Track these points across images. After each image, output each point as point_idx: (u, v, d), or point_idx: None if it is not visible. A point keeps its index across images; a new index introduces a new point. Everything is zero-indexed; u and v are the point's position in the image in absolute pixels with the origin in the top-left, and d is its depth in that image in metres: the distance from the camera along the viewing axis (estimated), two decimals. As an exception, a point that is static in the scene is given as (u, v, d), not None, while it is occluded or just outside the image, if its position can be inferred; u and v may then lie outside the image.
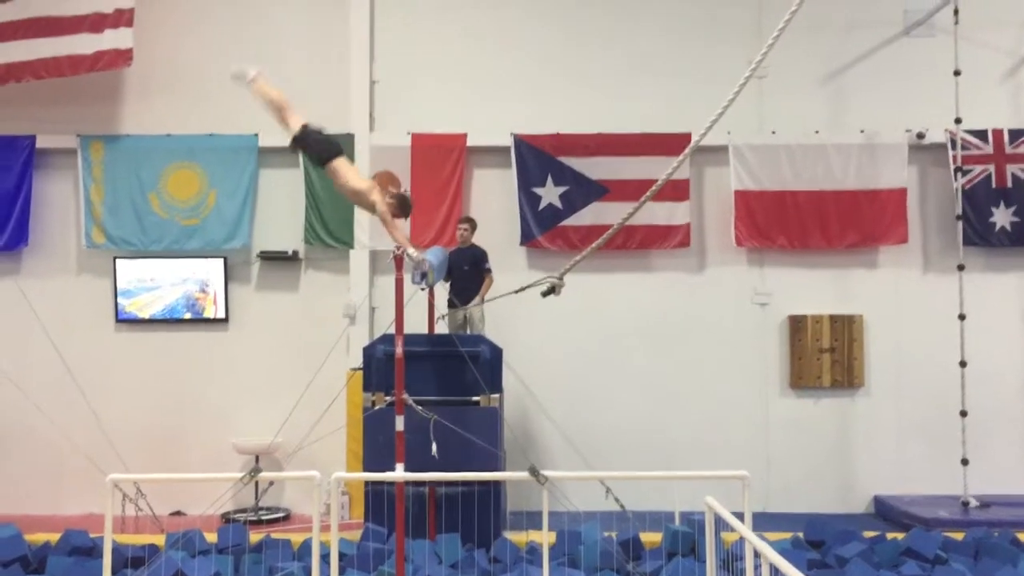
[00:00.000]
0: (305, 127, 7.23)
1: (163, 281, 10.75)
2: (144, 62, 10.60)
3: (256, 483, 9.27)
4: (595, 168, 10.62)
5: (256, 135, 10.70)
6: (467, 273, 9.46)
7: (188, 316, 10.79)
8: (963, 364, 9.72)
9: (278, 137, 10.59)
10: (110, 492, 5.89)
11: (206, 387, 10.68)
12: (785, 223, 10.58)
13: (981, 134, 10.41)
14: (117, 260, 10.71)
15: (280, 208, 10.79)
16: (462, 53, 10.96)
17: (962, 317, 9.78)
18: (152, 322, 10.79)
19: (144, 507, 9.28)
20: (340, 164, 7.22)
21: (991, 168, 10.44)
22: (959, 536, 8.11)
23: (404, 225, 8.36)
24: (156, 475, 8.52)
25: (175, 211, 10.73)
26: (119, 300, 10.74)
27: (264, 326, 10.78)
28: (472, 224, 9.74)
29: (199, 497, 9.31)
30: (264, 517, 9.80)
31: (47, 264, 10.85)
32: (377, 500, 8.03)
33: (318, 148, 7.28)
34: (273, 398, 9.86)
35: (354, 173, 7.40)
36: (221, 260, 10.73)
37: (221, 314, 10.77)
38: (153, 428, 10.55)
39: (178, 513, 10.05)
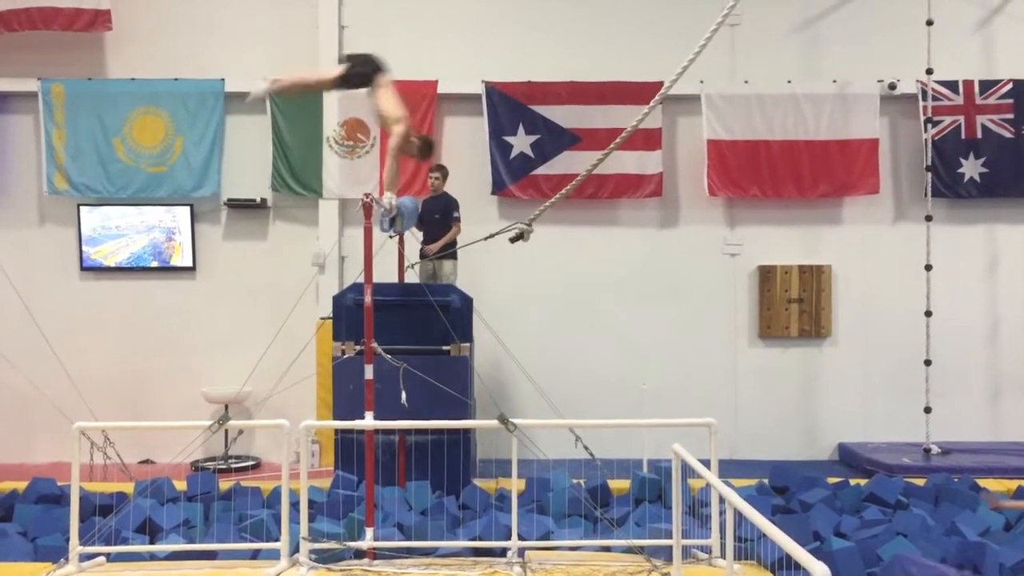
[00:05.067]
0: (345, 67, 7.54)
1: (129, 229, 10.60)
2: (110, 5, 10.35)
3: (225, 431, 9.28)
4: (567, 117, 10.54)
5: (222, 80, 10.51)
6: (438, 222, 9.39)
7: (155, 264, 10.66)
8: (928, 314, 9.85)
9: (245, 82, 10.46)
10: (76, 440, 5.85)
11: (174, 336, 10.61)
12: (758, 173, 10.58)
13: (952, 85, 10.42)
14: (81, 207, 10.54)
15: (247, 155, 10.64)
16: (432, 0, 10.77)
17: (928, 268, 9.88)
18: (118, 270, 10.66)
19: (112, 455, 9.21)
20: (384, 83, 7.47)
21: (961, 119, 10.47)
22: (921, 482, 8.27)
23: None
24: (123, 423, 8.48)
25: (141, 158, 10.55)
26: (84, 248, 10.59)
27: (232, 275, 10.69)
28: (444, 172, 9.64)
29: (168, 446, 9.28)
30: (234, 465, 9.80)
31: (8, 211, 10.68)
32: (347, 448, 8.05)
33: (363, 73, 7.49)
34: (242, 347, 9.79)
35: (393, 97, 7.50)
36: (188, 208, 10.59)
37: (188, 262, 10.65)
38: (121, 377, 10.49)
39: (147, 461, 10.03)
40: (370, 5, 10.72)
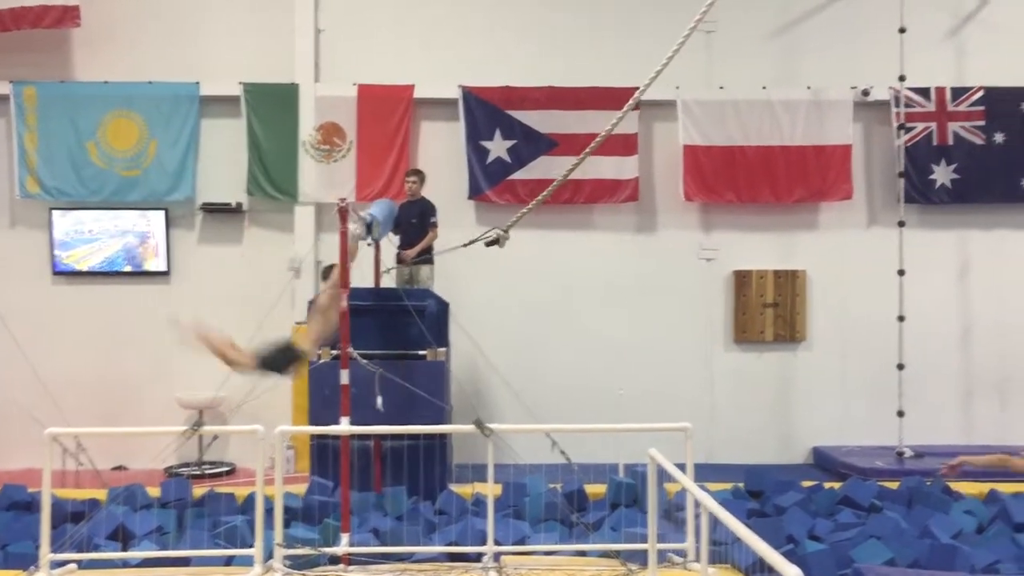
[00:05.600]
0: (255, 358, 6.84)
1: (102, 233, 10.51)
2: (82, 7, 10.26)
3: (200, 437, 9.20)
4: (544, 122, 10.56)
5: (197, 83, 10.46)
6: (415, 226, 9.37)
7: (128, 269, 10.58)
8: (901, 319, 9.95)
9: (220, 85, 10.49)
10: (48, 446, 5.79)
11: (148, 341, 10.49)
12: (733, 178, 10.64)
13: (924, 92, 10.53)
14: (53, 211, 10.44)
15: (223, 159, 10.59)
16: (409, 4, 10.78)
17: (901, 273, 9.99)
18: (91, 275, 10.56)
19: (85, 461, 9.12)
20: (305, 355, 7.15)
21: (933, 126, 10.58)
22: (894, 485, 8.32)
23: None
24: (96, 429, 8.39)
25: (114, 161, 10.47)
26: (56, 252, 10.49)
27: (207, 279, 10.61)
28: (421, 176, 9.63)
29: (142, 452, 9.25)
30: (208, 471, 9.73)
31: (-20, 215, 10.56)
32: (322, 453, 8.01)
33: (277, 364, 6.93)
34: (217, 352, 9.71)
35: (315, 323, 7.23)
36: (162, 212, 10.52)
37: (163, 267, 10.58)
38: (95, 382, 10.38)
39: (120, 468, 9.93)
40: (347, 9, 10.70)
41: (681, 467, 5.72)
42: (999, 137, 10.56)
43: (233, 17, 10.66)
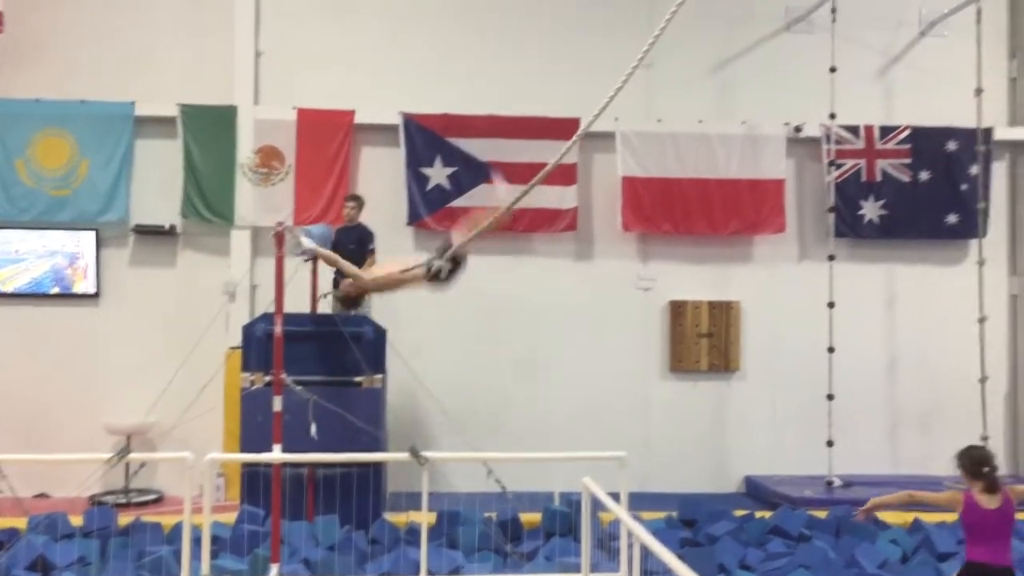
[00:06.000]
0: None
1: (29, 253, 10.24)
2: (14, 24, 10.08)
3: (127, 464, 8.96)
4: (484, 150, 10.60)
5: (132, 103, 10.30)
6: (352, 252, 9.29)
7: (56, 291, 10.31)
8: (831, 350, 10.16)
9: (156, 106, 10.34)
10: (-35, 474, 5.59)
11: (76, 365, 10.25)
12: (670, 209, 10.79)
13: (853, 129, 10.83)
14: (-22, 230, 10.15)
15: (157, 180, 10.41)
16: (351, 29, 10.78)
17: (831, 305, 10.21)
18: (16, 296, 10.27)
19: (5, 488, 8.83)
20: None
21: (862, 163, 10.88)
22: (823, 514, 8.47)
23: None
24: (17, 455, 8.13)
25: (44, 180, 10.23)
26: (-20, 272, 10.19)
27: (139, 302, 10.40)
28: (359, 202, 9.57)
29: (66, 479, 8.97)
30: (134, 499, 9.48)
31: (-100, 232, 10.21)
32: (253, 481, 7.87)
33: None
34: (148, 377, 9.49)
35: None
36: (93, 233, 10.29)
37: (92, 289, 10.33)
38: (17, 407, 10.05)
39: (43, 495, 9.63)
40: (287, 33, 10.66)
41: (616, 496, 5.76)
42: (925, 175, 10.90)
43: (171, 37, 10.54)
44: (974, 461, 5.39)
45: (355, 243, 9.29)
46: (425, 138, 10.56)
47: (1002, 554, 5.11)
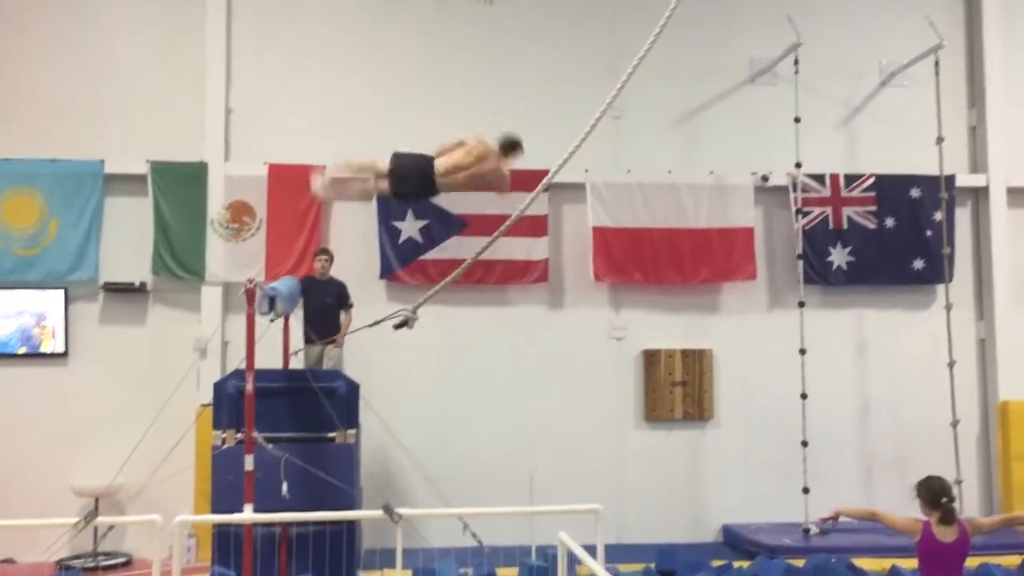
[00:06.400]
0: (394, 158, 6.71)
1: (-5, 313, 10.12)
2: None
3: (95, 528, 8.78)
4: (456, 202, 10.64)
5: (102, 161, 10.29)
6: (330, 307, 9.27)
7: (23, 351, 10.17)
8: (804, 396, 10.21)
9: (126, 163, 10.33)
10: (-74, 541, 5.46)
11: (43, 425, 10.07)
12: (641, 259, 10.87)
13: (819, 178, 11.01)
14: (-57, 290, 10.03)
15: (127, 238, 10.35)
16: (321, 84, 10.86)
17: (803, 352, 10.28)
18: (-18, 357, 10.12)
19: (-31, 556, 8.65)
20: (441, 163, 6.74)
21: (829, 210, 11.04)
22: (800, 563, 8.44)
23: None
24: (-18, 521, 7.94)
25: (12, 240, 10.15)
26: (-55, 333, 10.04)
27: (108, 361, 10.27)
28: (331, 256, 9.54)
29: (32, 544, 8.79)
30: (103, 563, 9.25)
31: None
32: (224, 542, 7.72)
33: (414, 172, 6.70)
34: (117, 437, 9.32)
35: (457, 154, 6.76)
36: (61, 292, 10.19)
37: (60, 348, 10.20)
38: (-17, 470, 9.86)
39: (8, 561, 9.41)
40: (258, 89, 10.72)
41: (592, 549, 5.72)
42: (890, 222, 11.07)
43: (141, 95, 10.57)
44: (932, 491, 5.48)
45: (334, 297, 9.28)
46: (397, 192, 10.58)
47: None
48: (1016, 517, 6.03)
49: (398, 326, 6.15)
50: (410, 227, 10.61)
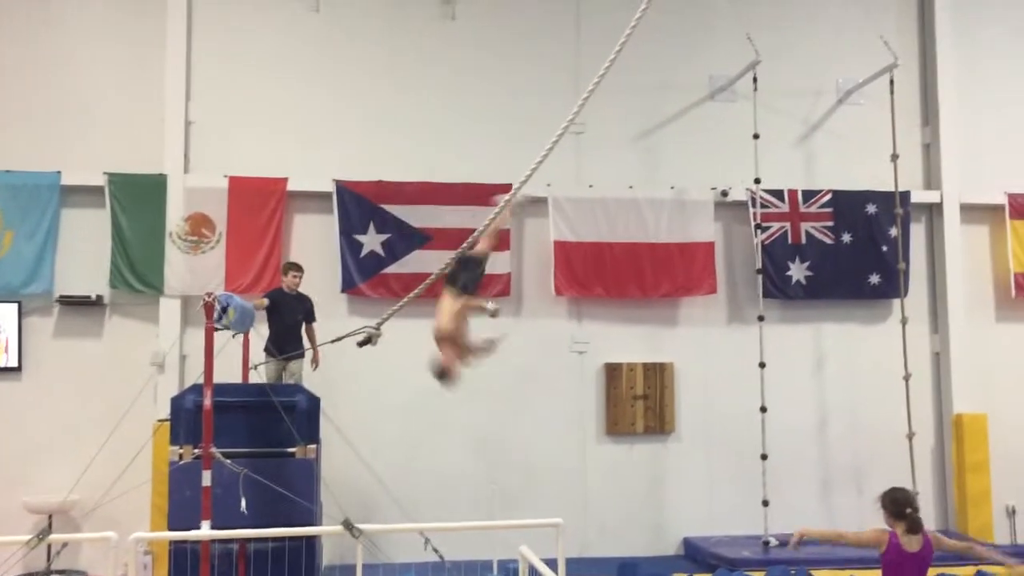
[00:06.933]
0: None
1: (-54, 327, 9.92)
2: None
3: (48, 545, 8.62)
4: (418, 216, 10.65)
5: (58, 173, 10.15)
6: (299, 322, 9.21)
7: (-25, 365, 9.98)
8: (763, 410, 10.31)
9: (83, 175, 10.20)
10: None
11: (-6, 441, 9.88)
12: (602, 273, 10.92)
13: (778, 194, 11.15)
14: None
15: (84, 250, 10.22)
16: (283, 97, 10.81)
17: (762, 365, 10.39)
18: (-67, 371, 9.91)
19: (-83, 575, 8.43)
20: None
21: (787, 225, 11.18)
22: (761, 575, 8.50)
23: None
24: (-69, 539, 7.75)
25: (-35, 253, 9.97)
26: None
27: (63, 375, 10.11)
28: (302, 271, 9.42)
29: (-17, 562, 8.58)
30: (57, 582, 9.10)
31: None
32: (181, 559, 7.61)
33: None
34: (72, 452, 9.21)
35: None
36: (15, 305, 10.01)
37: (13, 363, 10.02)
38: (-68, 487, 9.64)
39: (-42, 580, 9.18)
40: (219, 101, 10.64)
41: (554, 563, 5.72)
42: (847, 237, 11.24)
43: (99, 106, 10.45)
44: (897, 503, 5.55)
45: (304, 313, 9.23)
46: (358, 205, 10.57)
47: None
48: (973, 550, 6.07)
49: (362, 343, 6.13)
50: (372, 240, 10.58)
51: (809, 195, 11.25)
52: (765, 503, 10.14)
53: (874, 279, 11.24)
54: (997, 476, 10.99)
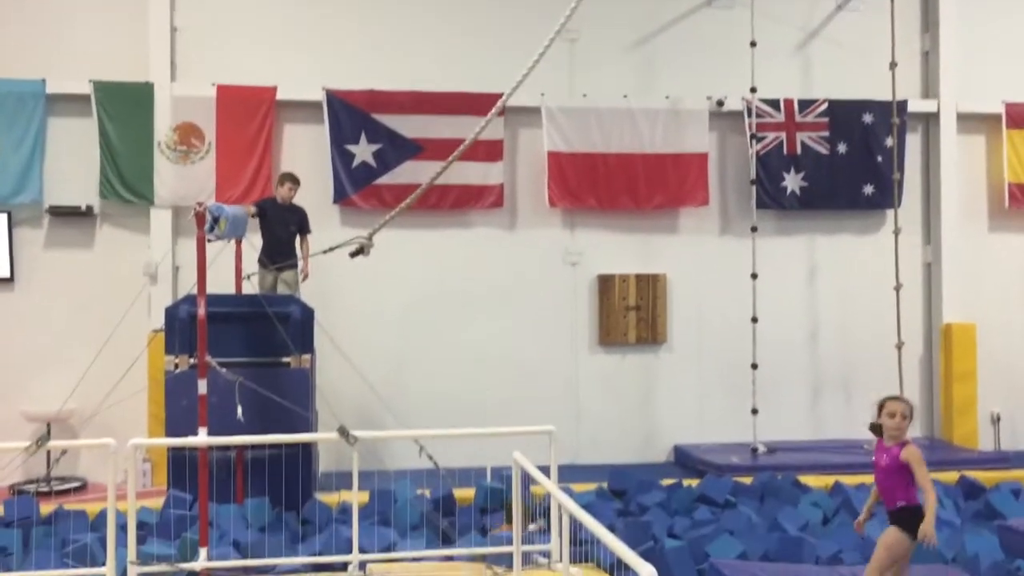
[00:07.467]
0: None
1: (-64, 238, 9.87)
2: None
3: (48, 452, 8.74)
4: (410, 126, 10.52)
5: (43, 80, 9.97)
6: (293, 234, 9.16)
7: (-34, 275, 9.96)
8: (755, 320, 10.38)
9: (69, 83, 10.02)
10: None
11: (-10, 351, 9.93)
12: (595, 184, 10.86)
13: (774, 103, 11.02)
14: None
15: (72, 160, 10.11)
16: (272, 3, 10.57)
17: (754, 276, 10.42)
18: (-76, 282, 9.89)
19: (-80, 482, 8.56)
20: None
21: (783, 136, 11.08)
22: (748, 480, 8.69)
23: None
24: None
25: (-49, 162, 9.85)
26: None
27: (55, 286, 10.11)
28: (298, 183, 9.31)
29: (-17, 469, 8.70)
30: (56, 488, 9.24)
31: None
32: (179, 466, 7.74)
33: None
34: (67, 362, 9.23)
35: None
36: (4, 215, 9.95)
37: (5, 273, 10.00)
38: (-71, 397, 9.73)
39: (-40, 486, 9.34)
40: (205, 8, 10.39)
41: (546, 469, 5.82)
42: (842, 147, 11.16)
43: (83, 12, 10.20)
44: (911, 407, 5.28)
45: (296, 224, 9.17)
46: (350, 115, 10.43)
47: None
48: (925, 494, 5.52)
49: (354, 254, 6.12)
50: (363, 151, 10.47)
51: (805, 104, 11.11)
52: (754, 411, 10.30)
53: (868, 190, 11.20)
54: (983, 384, 11.16)
